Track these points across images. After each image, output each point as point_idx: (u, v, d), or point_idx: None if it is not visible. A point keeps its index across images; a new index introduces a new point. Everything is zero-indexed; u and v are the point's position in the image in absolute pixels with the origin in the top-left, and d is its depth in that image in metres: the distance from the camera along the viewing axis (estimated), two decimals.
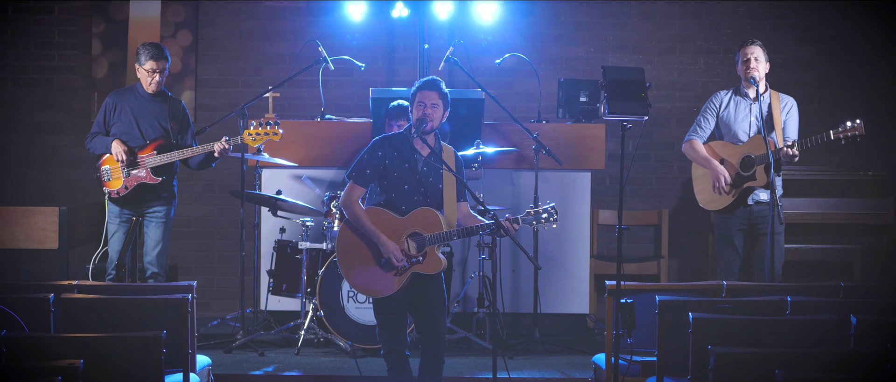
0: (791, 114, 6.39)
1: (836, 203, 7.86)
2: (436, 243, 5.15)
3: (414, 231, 5.17)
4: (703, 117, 6.50)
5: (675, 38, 8.55)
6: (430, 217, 5.17)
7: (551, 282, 7.47)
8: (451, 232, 5.15)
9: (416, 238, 5.16)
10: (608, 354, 5.20)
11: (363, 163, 5.26)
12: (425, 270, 5.15)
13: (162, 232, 6.58)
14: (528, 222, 5.18)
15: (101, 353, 4.32)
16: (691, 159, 6.50)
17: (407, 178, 5.23)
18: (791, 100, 6.42)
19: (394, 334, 5.22)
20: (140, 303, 4.96)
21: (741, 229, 6.37)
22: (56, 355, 4.22)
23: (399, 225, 5.18)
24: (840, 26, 8.47)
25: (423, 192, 5.23)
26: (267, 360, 6.68)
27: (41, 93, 8.45)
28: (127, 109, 6.58)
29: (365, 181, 5.25)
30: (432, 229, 5.15)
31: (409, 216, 5.19)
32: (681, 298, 4.97)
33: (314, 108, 8.09)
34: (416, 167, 5.23)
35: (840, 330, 4.68)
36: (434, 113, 5.21)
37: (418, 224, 5.17)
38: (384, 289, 5.18)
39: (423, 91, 5.26)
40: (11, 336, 4.30)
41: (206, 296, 8.21)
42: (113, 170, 6.52)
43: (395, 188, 5.23)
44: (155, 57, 6.52)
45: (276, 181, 7.44)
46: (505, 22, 8.40)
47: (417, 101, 5.25)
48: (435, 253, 5.16)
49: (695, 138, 6.48)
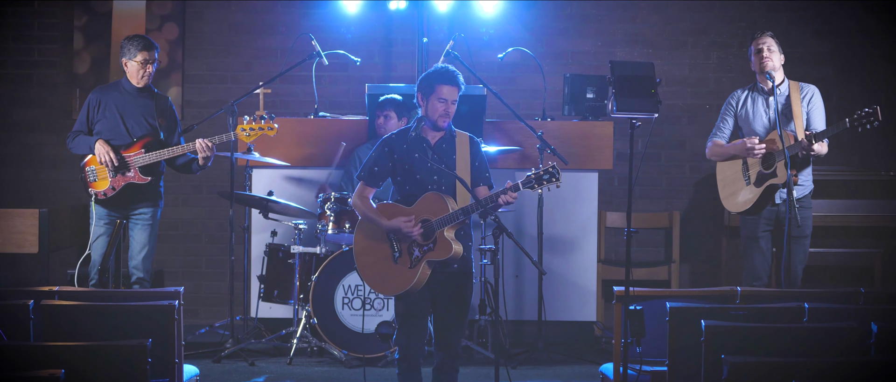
0: (814, 103, 6.37)
1: (855, 204, 7.86)
2: (444, 226, 5.14)
3: (424, 219, 5.18)
4: (721, 119, 6.53)
5: (686, 31, 8.55)
6: (436, 202, 5.18)
7: (556, 288, 7.47)
8: (456, 212, 5.14)
9: (425, 224, 5.17)
10: (616, 363, 5.20)
11: (371, 162, 5.32)
12: (438, 256, 5.15)
13: (148, 235, 6.58)
14: (530, 186, 5.14)
15: (83, 362, 4.32)
16: (717, 158, 6.50)
17: (418, 167, 5.26)
18: (812, 88, 6.40)
19: (410, 339, 5.23)
20: (124, 310, 4.96)
21: (768, 230, 6.36)
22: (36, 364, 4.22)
23: (407, 214, 5.20)
24: (860, 19, 8.47)
25: (436, 180, 5.26)
26: (257, 370, 6.68)
27: (20, 89, 8.45)
28: (112, 106, 6.58)
29: (374, 179, 5.31)
30: (440, 214, 5.16)
31: (416, 204, 5.22)
32: (693, 305, 4.98)
33: (307, 105, 8.10)
34: (426, 155, 5.25)
35: (860, 338, 4.68)
36: (453, 110, 5.25)
37: (425, 211, 5.18)
38: (403, 284, 5.17)
39: (447, 85, 5.22)
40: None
41: (194, 303, 8.21)
42: (99, 170, 6.51)
43: (408, 180, 5.28)
44: (146, 47, 6.53)
45: (267, 182, 7.45)
46: (508, 14, 8.41)
47: (439, 96, 5.22)
48: (445, 237, 5.14)
49: (717, 139, 6.51)
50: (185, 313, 5.28)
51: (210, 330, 7.41)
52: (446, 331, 5.27)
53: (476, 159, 5.33)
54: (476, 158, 5.33)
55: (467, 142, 5.33)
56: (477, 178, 5.33)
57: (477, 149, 5.38)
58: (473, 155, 5.33)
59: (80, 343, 4.49)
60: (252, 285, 7.39)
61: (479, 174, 5.33)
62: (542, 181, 5.13)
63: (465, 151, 5.30)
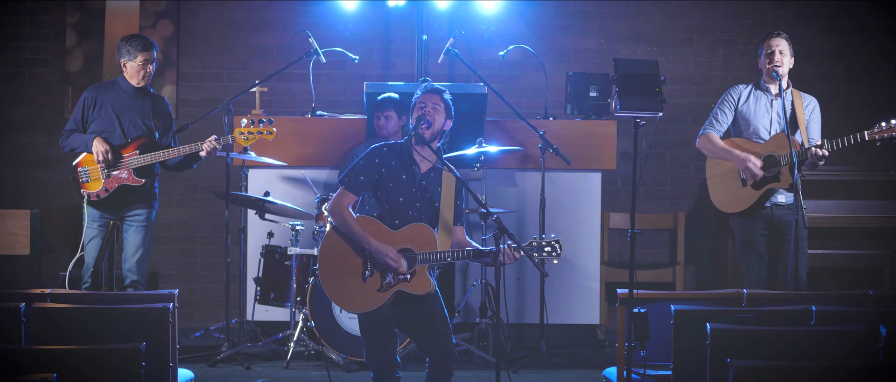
0: (814, 115, 6.40)
1: (864, 205, 7.86)
2: (427, 263, 5.11)
3: (405, 246, 5.14)
4: (719, 110, 6.49)
5: (691, 28, 8.56)
6: (424, 233, 5.14)
7: (559, 291, 7.48)
8: (445, 253, 5.11)
9: (407, 254, 5.12)
10: (620, 368, 5.20)
11: (357, 169, 5.24)
12: (412, 289, 5.11)
13: (143, 237, 6.59)
14: (530, 253, 5.16)
15: (75, 366, 4.32)
16: (709, 154, 6.47)
17: (403, 190, 5.22)
18: (813, 99, 6.43)
19: (380, 353, 5.15)
20: (118, 313, 4.96)
21: (763, 235, 6.37)
22: (27, 368, 4.22)
23: (390, 238, 5.14)
24: (869, 16, 8.48)
25: (418, 208, 5.22)
26: (254, 374, 6.68)
27: (11, 87, 8.45)
28: (108, 105, 6.58)
29: (358, 188, 5.22)
30: (426, 247, 5.12)
31: (402, 230, 5.16)
32: (698, 307, 4.97)
33: (304, 104, 8.11)
34: (414, 179, 5.23)
35: (869, 342, 4.68)
36: (436, 115, 5.22)
37: (411, 240, 5.14)
38: (366, 304, 5.12)
39: (426, 94, 5.29)
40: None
41: (189, 306, 8.22)
42: (91, 171, 6.52)
43: (390, 199, 5.21)
44: (146, 47, 6.54)
45: (263, 182, 7.45)
46: (509, 11, 8.42)
47: (418, 104, 5.27)
48: (424, 273, 5.11)
49: (711, 131, 6.46)
50: (180, 316, 5.28)
51: (205, 334, 7.41)
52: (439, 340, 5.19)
53: (458, 198, 5.32)
54: (458, 198, 5.32)
55: (453, 181, 5.29)
56: (457, 217, 5.32)
57: (460, 190, 5.34)
58: (457, 194, 5.31)
59: (72, 347, 4.49)
60: (248, 287, 7.39)
61: (458, 213, 5.33)
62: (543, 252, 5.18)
63: (451, 188, 5.28)
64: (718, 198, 6.47)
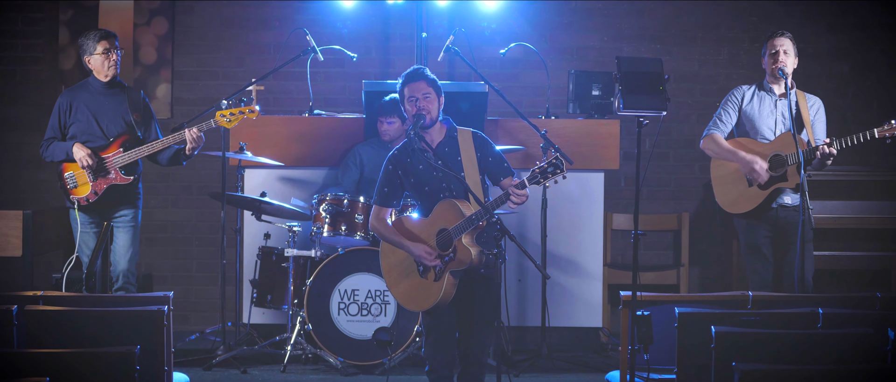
0: (819, 116, 6.40)
1: (871, 206, 7.86)
2: (461, 234, 5.23)
3: (441, 227, 5.30)
4: (723, 111, 6.49)
5: (696, 26, 8.56)
6: (450, 210, 5.29)
7: (561, 293, 7.48)
8: (470, 218, 5.21)
9: (443, 234, 5.29)
10: (623, 371, 5.21)
11: (380, 184, 5.51)
12: (459, 265, 5.26)
13: (131, 238, 6.58)
14: (535, 181, 5.14)
15: (69, 370, 4.32)
16: (713, 155, 6.48)
17: (426, 180, 5.41)
18: (818, 100, 6.43)
19: (437, 351, 5.43)
20: (111, 316, 4.97)
21: (768, 237, 6.37)
22: (20, 372, 4.23)
23: (425, 227, 5.36)
24: (877, 13, 8.48)
25: (446, 187, 5.40)
26: (250, 378, 6.68)
27: (3, 86, 8.45)
28: (83, 107, 6.55)
29: (386, 200, 5.50)
30: (456, 220, 5.25)
31: (431, 216, 5.36)
32: (702, 310, 4.98)
33: (302, 103, 8.10)
34: (430, 163, 5.36)
35: (876, 345, 4.69)
36: (429, 105, 5.38)
37: (443, 219, 5.31)
38: (429, 298, 5.33)
39: (409, 84, 5.41)
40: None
41: (184, 308, 8.22)
42: (78, 176, 6.49)
43: (419, 193, 5.45)
44: (103, 36, 6.50)
45: (259, 182, 7.45)
46: (510, 8, 8.41)
47: (408, 97, 5.41)
48: (462, 244, 5.24)
49: (715, 132, 6.47)
50: (175, 319, 5.29)
51: (200, 337, 7.41)
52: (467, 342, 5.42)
53: (487, 154, 5.42)
54: (487, 154, 5.42)
55: (470, 139, 5.41)
56: (496, 173, 5.44)
57: (483, 143, 5.47)
58: (481, 151, 5.41)
59: (65, 350, 4.49)
60: (244, 289, 7.39)
61: (496, 168, 5.44)
62: (548, 174, 5.13)
63: (470, 150, 5.39)
64: (724, 199, 6.46)
